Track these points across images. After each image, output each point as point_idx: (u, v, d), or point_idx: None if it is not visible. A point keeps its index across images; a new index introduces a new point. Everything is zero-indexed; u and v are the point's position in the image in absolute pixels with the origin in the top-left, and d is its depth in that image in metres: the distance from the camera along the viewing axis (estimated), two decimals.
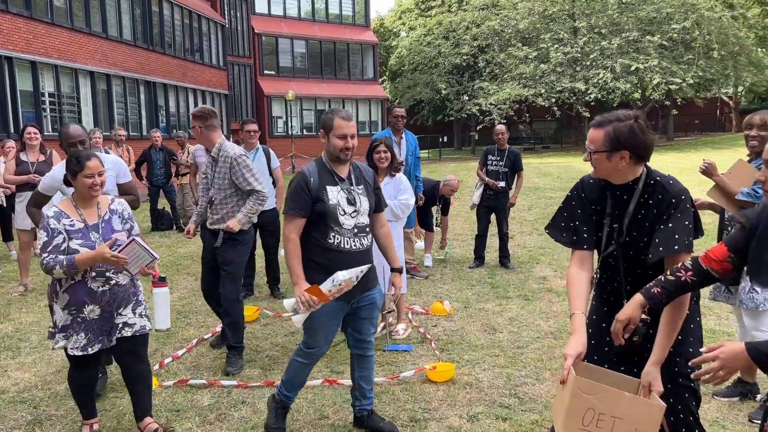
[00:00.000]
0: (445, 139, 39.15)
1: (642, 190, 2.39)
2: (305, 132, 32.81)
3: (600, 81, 30.30)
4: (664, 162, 23.06)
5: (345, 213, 3.24)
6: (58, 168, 4.07)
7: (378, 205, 3.45)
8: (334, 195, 3.23)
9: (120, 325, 3.32)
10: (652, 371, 2.27)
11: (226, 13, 28.98)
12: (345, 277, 3.11)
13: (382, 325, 5.16)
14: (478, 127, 35.16)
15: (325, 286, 3.11)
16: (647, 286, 2.21)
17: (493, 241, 7.82)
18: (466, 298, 6.16)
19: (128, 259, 3.12)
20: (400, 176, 5.13)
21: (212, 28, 26.97)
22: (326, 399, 3.96)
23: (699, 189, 13.92)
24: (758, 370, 3.02)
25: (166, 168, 10.91)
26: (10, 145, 7.86)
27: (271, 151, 6.67)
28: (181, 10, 24.08)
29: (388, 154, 4.99)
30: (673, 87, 29.79)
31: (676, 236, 2.28)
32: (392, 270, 3.50)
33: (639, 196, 2.40)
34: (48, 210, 3.24)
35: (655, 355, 2.29)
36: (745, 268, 2.05)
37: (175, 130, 20.81)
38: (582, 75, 31.18)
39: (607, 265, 2.52)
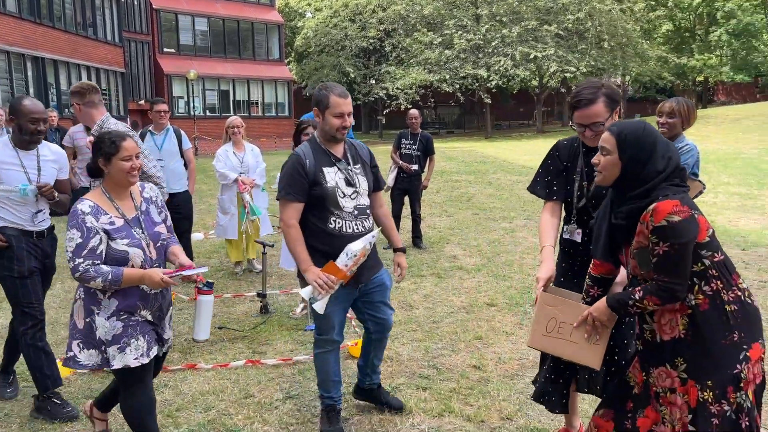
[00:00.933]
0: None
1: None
2: (208, 113, 31.87)
3: (501, 68, 31.36)
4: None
5: (344, 195, 3.11)
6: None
7: (377, 183, 3.33)
8: (332, 176, 3.09)
9: (168, 340, 3.00)
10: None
11: None
12: (359, 248, 2.96)
13: (302, 305, 5.23)
14: (385, 111, 35.49)
15: (341, 262, 2.96)
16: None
17: (405, 223, 8.04)
18: None
19: (176, 283, 2.79)
20: None
21: (106, 2, 25.54)
22: (250, 378, 4.00)
23: None
24: None
25: (63, 149, 10.32)
26: None
27: (182, 132, 6.52)
28: None
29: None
30: (568, 75, 31.32)
31: None
32: (395, 250, 3.37)
33: None
34: (82, 204, 2.70)
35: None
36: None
37: (67, 110, 19.65)
38: (484, 62, 32.15)
39: (580, 221, 2.77)
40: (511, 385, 3.83)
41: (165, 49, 30.75)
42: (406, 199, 7.73)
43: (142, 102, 29.63)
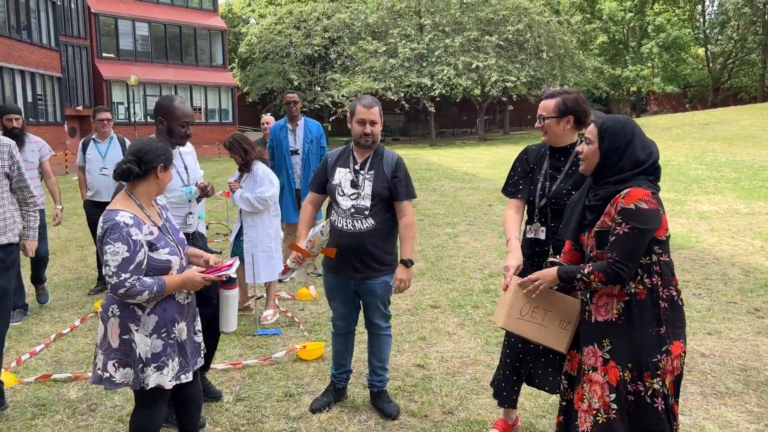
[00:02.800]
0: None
1: (576, 152, 2.91)
2: (149, 119, 31.22)
3: (444, 77, 31.97)
4: (500, 153, 24.99)
5: (344, 194, 3.42)
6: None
7: (396, 193, 3.43)
8: (340, 176, 3.45)
9: (201, 346, 2.95)
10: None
11: None
12: (311, 235, 3.42)
13: (271, 312, 5.32)
14: (331, 119, 35.59)
15: (301, 244, 3.44)
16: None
17: None
18: None
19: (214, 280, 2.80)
20: (256, 169, 5.17)
21: (41, 5, 24.76)
22: (236, 380, 4.07)
23: None
24: None
25: None
26: None
27: (127, 140, 6.49)
28: None
29: (238, 152, 5.14)
30: (509, 84, 32.21)
31: None
32: (401, 261, 3.47)
33: (574, 157, 2.95)
34: (120, 215, 2.57)
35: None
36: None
37: None
38: (428, 71, 32.70)
39: (542, 219, 3.00)
40: (452, 381, 4.03)
41: (104, 54, 30.01)
42: None
43: (80, 108, 28.81)
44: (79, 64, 28.89)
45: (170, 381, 2.67)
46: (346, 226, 3.39)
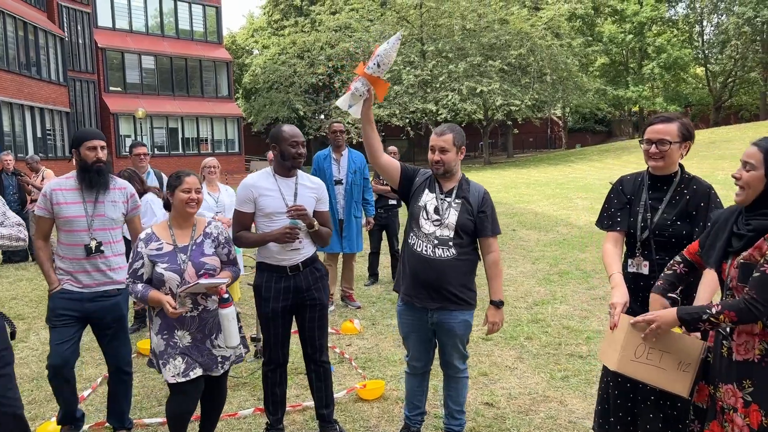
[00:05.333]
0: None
1: (679, 181, 2.83)
2: (157, 151, 31.25)
3: (449, 102, 32.09)
4: (508, 177, 24.96)
5: (428, 219, 3.30)
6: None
7: (483, 228, 3.31)
8: (425, 199, 3.34)
9: (219, 359, 3.25)
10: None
11: (66, 25, 26.96)
12: (380, 50, 3.10)
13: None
14: None
15: (368, 70, 3.14)
16: (657, 284, 2.59)
17: (384, 260, 8.07)
18: (372, 315, 6.31)
19: (181, 313, 3.09)
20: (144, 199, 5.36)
21: (50, 41, 24.96)
22: (261, 427, 3.90)
23: (548, 202, 15.01)
24: None
25: (20, 194, 9.95)
26: None
27: (163, 175, 6.41)
28: (14, 21, 22.05)
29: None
30: (513, 108, 32.32)
31: None
32: (491, 302, 3.37)
33: (677, 186, 2.83)
34: (144, 231, 3.24)
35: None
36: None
37: (10, 151, 18.92)
38: (432, 96, 32.84)
39: (645, 253, 2.87)
40: (528, 421, 3.86)
41: (111, 88, 30.14)
42: (383, 234, 7.75)
43: None
44: (86, 98, 29.00)
45: (173, 377, 3.09)
46: (426, 251, 3.26)
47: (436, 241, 3.26)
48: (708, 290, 2.55)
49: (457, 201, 3.30)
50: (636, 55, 45.48)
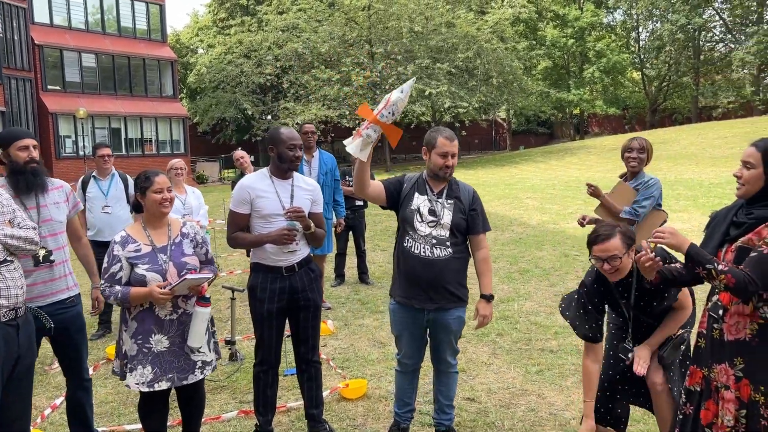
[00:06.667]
0: (253, 158, 38.67)
1: (637, 278, 2.98)
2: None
3: None
4: (457, 178, 25.33)
5: (422, 221, 3.35)
6: None
7: (474, 226, 3.43)
8: (417, 202, 3.38)
9: (200, 364, 3.22)
10: (642, 349, 2.94)
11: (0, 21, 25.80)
12: (392, 96, 3.03)
13: None
14: None
15: (382, 118, 3.05)
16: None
17: (351, 260, 8.10)
18: (343, 315, 6.34)
19: (170, 297, 3.07)
20: None
21: None
22: (247, 430, 3.90)
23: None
24: None
25: None
26: None
27: (129, 178, 6.26)
28: None
29: None
30: (461, 110, 32.82)
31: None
32: (481, 296, 3.45)
33: (636, 285, 2.99)
34: (119, 234, 3.16)
35: (650, 340, 2.98)
36: None
37: None
38: (382, 98, 32.97)
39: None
40: (510, 414, 3.99)
41: (49, 87, 28.99)
42: (351, 235, 7.79)
43: None
44: (23, 97, 27.80)
45: (136, 384, 3.06)
46: (424, 252, 3.33)
47: (434, 241, 3.33)
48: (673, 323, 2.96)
49: (449, 201, 3.40)
50: (577, 59, 46.90)
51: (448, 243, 3.35)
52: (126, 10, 32.27)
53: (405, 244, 3.39)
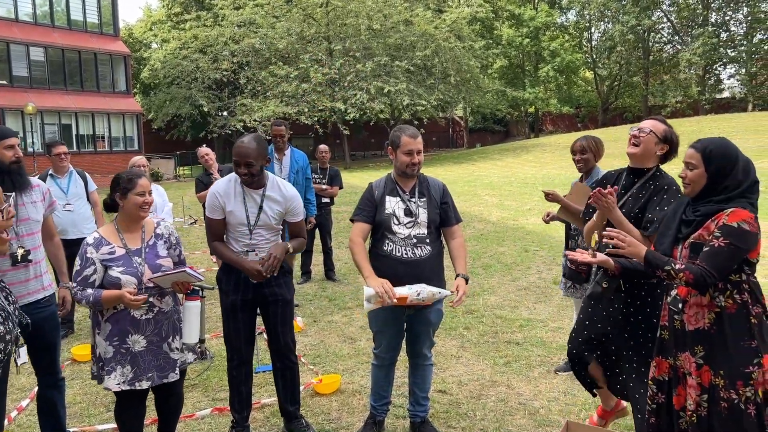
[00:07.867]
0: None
1: (651, 176, 3.08)
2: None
3: (357, 101, 32.29)
4: None
5: (400, 223, 3.38)
6: None
7: (447, 219, 3.48)
8: (392, 205, 3.41)
9: (179, 362, 3.21)
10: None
11: None
12: (428, 294, 3.23)
13: None
14: None
15: (409, 293, 3.20)
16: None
17: (317, 258, 8.12)
18: (312, 312, 6.37)
19: (141, 303, 3.01)
20: None
21: None
22: (222, 427, 3.90)
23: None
24: None
25: None
26: None
27: (87, 174, 6.14)
28: None
29: None
30: (419, 108, 33.04)
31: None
32: (457, 275, 3.42)
33: (647, 180, 3.07)
34: (91, 236, 3.10)
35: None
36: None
37: None
38: (341, 95, 32.92)
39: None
40: (482, 405, 4.10)
41: None
42: (317, 232, 7.81)
43: None
44: None
45: (118, 385, 3.04)
46: (406, 254, 3.37)
47: (414, 241, 3.39)
48: None
49: (422, 198, 3.46)
50: (532, 58, 47.76)
51: (427, 240, 3.41)
52: (76, 3, 31.33)
53: (385, 248, 3.40)
